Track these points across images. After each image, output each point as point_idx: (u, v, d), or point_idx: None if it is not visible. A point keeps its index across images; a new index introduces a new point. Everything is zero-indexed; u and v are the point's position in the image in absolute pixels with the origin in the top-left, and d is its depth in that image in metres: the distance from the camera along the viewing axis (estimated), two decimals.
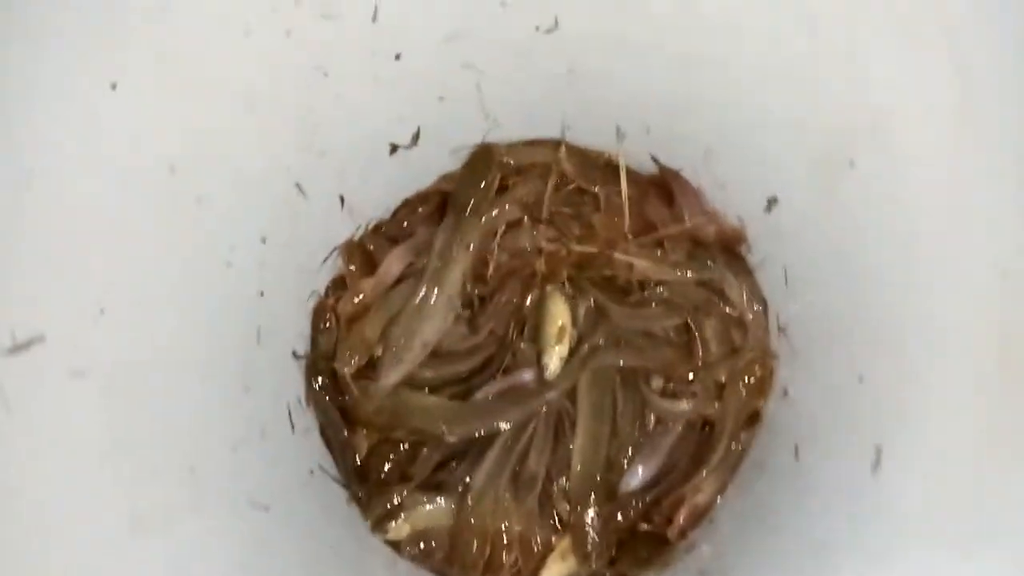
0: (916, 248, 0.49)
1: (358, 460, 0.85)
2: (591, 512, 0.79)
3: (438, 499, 0.82)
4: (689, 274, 0.80)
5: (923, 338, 0.49)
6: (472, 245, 0.83)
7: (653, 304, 0.81)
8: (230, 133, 0.64)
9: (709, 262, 0.80)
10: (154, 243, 0.61)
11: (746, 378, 0.76)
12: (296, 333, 0.84)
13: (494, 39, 0.69)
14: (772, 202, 0.66)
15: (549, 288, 0.83)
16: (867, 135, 0.49)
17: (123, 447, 0.57)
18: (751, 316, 0.77)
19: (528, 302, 0.85)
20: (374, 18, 0.65)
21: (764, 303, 0.76)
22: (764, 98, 0.61)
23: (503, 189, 0.86)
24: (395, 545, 0.82)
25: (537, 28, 0.68)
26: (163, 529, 0.57)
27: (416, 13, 0.66)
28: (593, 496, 0.79)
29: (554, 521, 0.81)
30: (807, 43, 0.51)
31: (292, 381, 0.83)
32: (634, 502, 0.79)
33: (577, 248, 0.81)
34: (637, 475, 0.79)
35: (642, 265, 0.79)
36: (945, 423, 0.45)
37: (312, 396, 0.84)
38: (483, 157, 0.85)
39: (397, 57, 0.70)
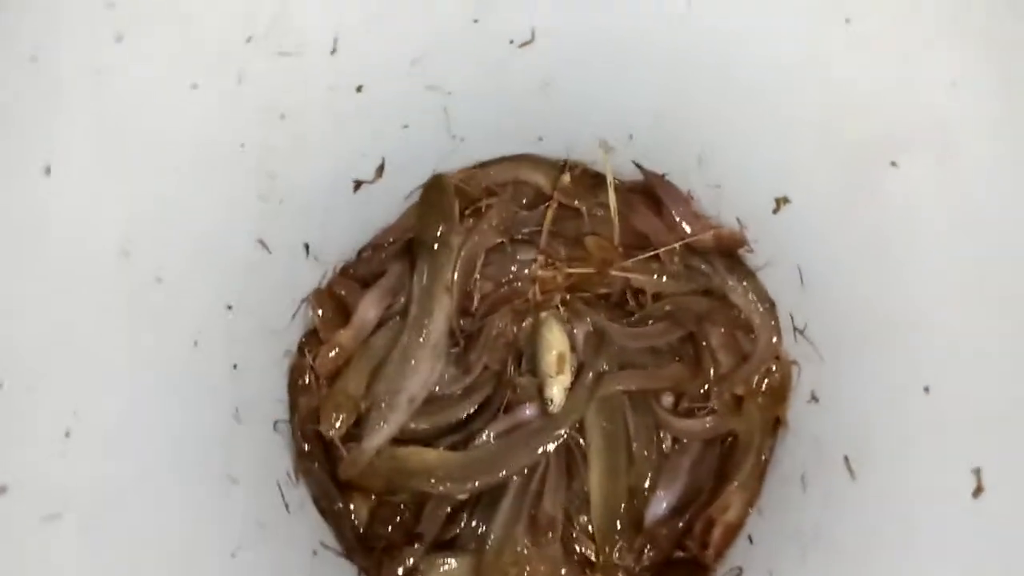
0: (961, 248, 0.46)
1: (360, 529, 0.78)
2: (618, 548, 0.74)
3: (454, 557, 0.76)
4: (690, 284, 0.76)
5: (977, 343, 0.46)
6: (451, 284, 0.77)
7: (653, 320, 0.77)
8: (184, 197, 0.56)
9: (704, 267, 0.76)
10: (113, 341, 0.53)
11: (763, 385, 0.73)
12: (274, 401, 0.76)
13: (464, 57, 0.63)
14: (782, 202, 0.62)
15: (543, 315, 0.78)
16: (915, 136, 0.46)
17: None
18: (758, 320, 0.74)
19: (520, 332, 0.80)
20: (333, 50, 0.58)
21: (772, 303, 0.73)
22: (769, 97, 0.57)
23: (476, 214, 0.81)
24: None
25: (511, 42, 0.63)
26: None
27: (380, 39, 0.59)
28: (619, 531, 0.74)
29: (581, 563, 0.76)
30: (840, 41, 0.47)
31: (278, 457, 0.75)
32: (663, 530, 0.74)
33: (571, 270, 0.76)
34: (662, 501, 0.76)
35: (641, 280, 0.75)
36: None
37: (301, 467, 0.77)
38: (436, 188, 0.79)
39: (359, 89, 0.63)
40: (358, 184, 0.74)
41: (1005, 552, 0.43)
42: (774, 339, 0.73)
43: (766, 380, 0.73)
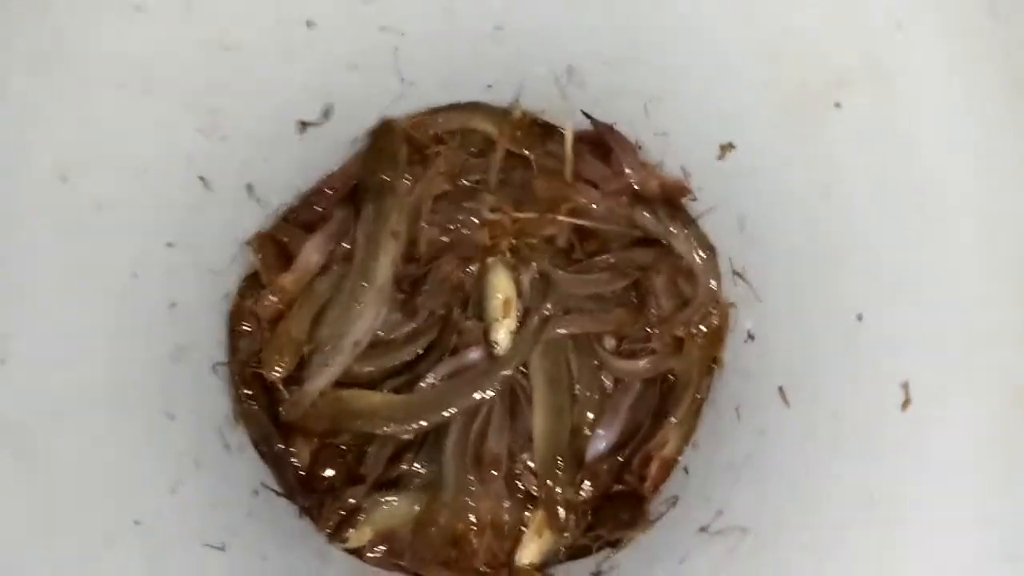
0: (906, 191, 0.49)
1: (301, 471, 0.78)
2: (560, 483, 0.76)
3: (397, 496, 0.77)
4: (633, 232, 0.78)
5: (915, 281, 0.49)
6: (398, 230, 0.77)
7: (598, 268, 0.79)
8: (126, 124, 0.54)
9: (647, 214, 0.78)
10: (51, 266, 0.51)
11: (702, 328, 0.76)
12: (214, 343, 0.75)
13: None
14: (726, 148, 0.64)
15: (490, 260, 0.79)
16: (859, 77, 0.48)
17: (51, 516, 0.48)
18: (699, 265, 0.76)
19: (466, 277, 0.80)
20: None
21: (713, 250, 0.76)
22: (717, 42, 0.58)
23: (423, 160, 0.80)
24: (358, 552, 0.76)
25: None
26: None
27: None
28: (561, 467, 0.77)
29: (524, 498, 0.78)
30: None
31: (217, 398, 0.74)
32: (604, 466, 0.77)
33: (519, 215, 0.77)
34: (602, 439, 0.78)
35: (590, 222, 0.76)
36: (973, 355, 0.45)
37: (241, 410, 0.76)
38: (383, 133, 0.78)
39: (308, 24, 0.61)
40: (304, 125, 0.72)
41: (930, 460, 0.47)
42: (713, 284, 0.76)
43: (705, 322, 0.76)
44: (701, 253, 0.76)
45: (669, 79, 0.65)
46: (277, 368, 0.76)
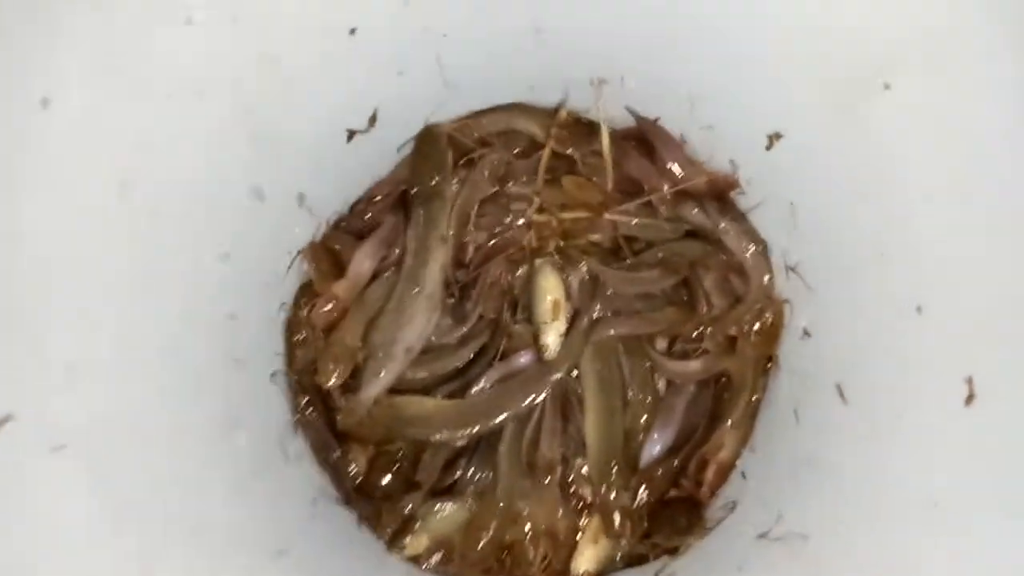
0: (964, 176, 0.47)
1: (358, 478, 0.79)
2: (615, 489, 0.75)
3: (452, 503, 0.77)
4: (680, 230, 0.77)
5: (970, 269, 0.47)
6: (447, 235, 0.77)
7: (647, 266, 0.77)
8: (180, 135, 0.56)
9: (696, 211, 0.77)
10: (114, 277, 0.53)
11: (756, 326, 0.74)
12: (271, 353, 0.76)
13: None
14: (774, 138, 0.63)
15: (538, 262, 0.78)
16: (909, 56, 0.47)
17: (122, 521, 0.49)
18: (750, 261, 0.74)
19: (515, 280, 0.80)
20: None
21: (764, 245, 0.74)
22: (760, 30, 0.57)
23: (470, 164, 0.81)
24: (416, 560, 0.76)
25: None
26: None
27: None
28: (615, 472, 0.76)
29: (579, 505, 0.77)
30: None
31: (276, 406, 0.75)
32: (659, 471, 0.76)
33: (566, 216, 0.76)
34: (656, 443, 0.77)
35: (635, 224, 0.75)
36: None
37: (299, 419, 0.77)
38: (428, 139, 0.79)
39: (352, 31, 0.62)
40: (351, 134, 0.74)
41: (996, 457, 0.44)
42: (766, 279, 0.74)
43: (759, 320, 0.74)
44: (753, 248, 0.74)
45: (713, 72, 0.64)
46: (333, 376, 0.77)
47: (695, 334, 0.77)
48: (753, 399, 0.75)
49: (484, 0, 0.64)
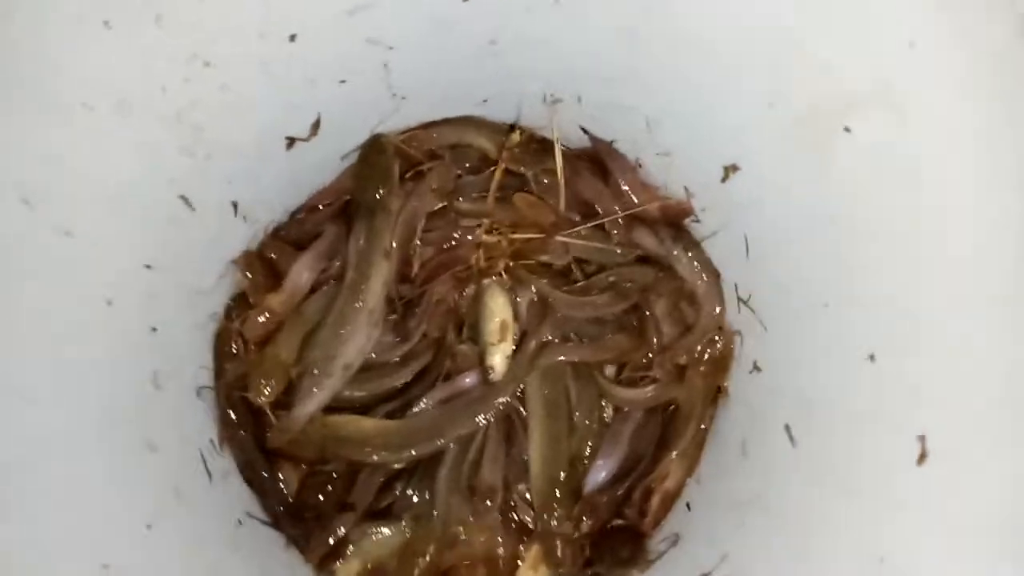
0: (920, 221, 0.45)
1: (289, 498, 0.75)
2: (557, 515, 0.73)
3: (388, 526, 0.74)
4: (633, 254, 0.75)
5: (931, 312, 0.46)
6: (390, 249, 0.74)
7: (598, 291, 0.75)
8: (97, 146, 0.51)
9: (649, 237, 0.75)
10: (14, 297, 0.48)
11: (706, 355, 0.73)
12: (197, 367, 0.72)
13: (407, 10, 0.59)
14: (730, 170, 0.61)
15: (486, 282, 0.76)
16: (870, 100, 0.45)
17: (16, 566, 0.45)
18: (702, 290, 0.73)
19: (462, 299, 0.77)
20: None
21: (717, 274, 0.72)
22: (722, 62, 0.55)
23: (417, 177, 0.77)
24: None
25: None
26: None
27: None
28: (558, 498, 0.74)
29: (519, 531, 0.75)
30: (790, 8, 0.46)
31: (200, 423, 0.71)
32: (603, 498, 0.74)
33: (517, 236, 0.74)
34: (601, 470, 0.75)
35: (586, 247, 0.73)
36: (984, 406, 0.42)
37: (226, 435, 0.73)
38: (375, 149, 0.75)
39: (292, 38, 0.58)
40: (291, 141, 0.70)
41: (946, 517, 0.43)
42: (717, 310, 0.73)
43: (709, 350, 0.73)
44: (705, 277, 0.73)
45: (672, 98, 0.62)
46: (264, 392, 0.73)
47: (644, 361, 0.75)
48: (701, 428, 0.74)
49: (435, 13, 0.60)
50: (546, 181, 0.76)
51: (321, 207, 0.78)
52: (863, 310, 0.51)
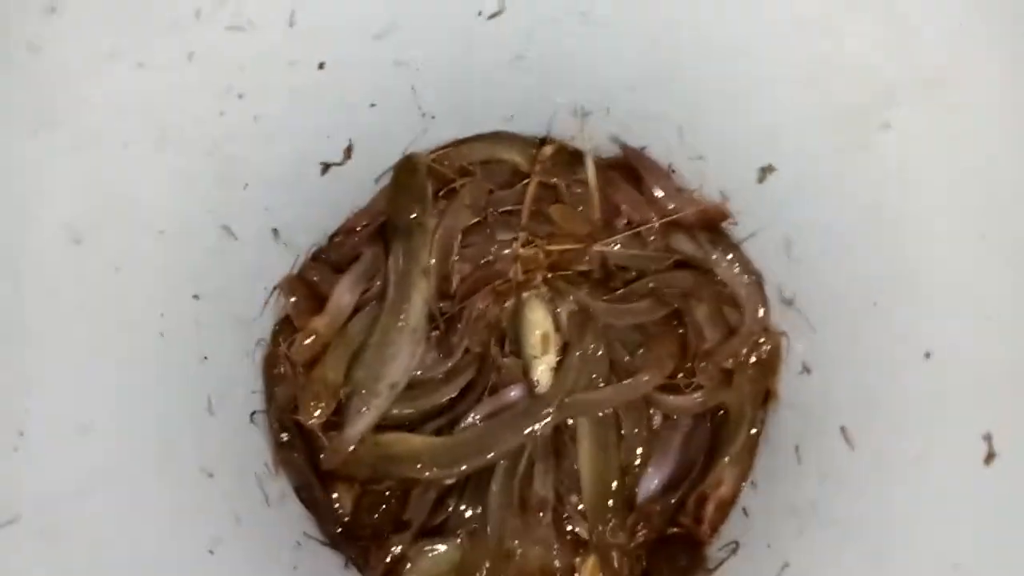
0: (967, 212, 0.44)
1: (345, 518, 0.76)
2: (611, 526, 0.72)
3: (443, 542, 0.74)
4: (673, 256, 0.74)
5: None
6: (429, 267, 0.75)
7: (638, 297, 0.75)
8: (139, 182, 0.53)
9: (687, 242, 0.74)
10: (67, 334, 0.50)
11: (752, 357, 0.71)
12: (249, 392, 0.73)
13: (431, 30, 0.60)
14: (767, 170, 0.60)
15: (526, 295, 0.75)
16: (908, 95, 0.44)
17: None
18: (743, 292, 0.72)
19: (502, 312, 0.77)
20: (291, 22, 0.55)
21: (758, 276, 0.71)
22: (758, 67, 0.54)
23: (450, 195, 0.78)
24: None
25: (479, 13, 0.59)
26: None
27: (340, 12, 0.56)
28: (611, 509, 0.73)
29: (574, 543, 0.74)
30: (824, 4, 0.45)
31: (255, 448, 0.72)
32: (656, 507, 0.73)
33: (553, 246, 0.73)
34: (653, 478, 0.74)
35: (625, 255, 0.73)
36: None
37: (280, 458, 0.74)
38: (407, 169, 0.76)
39: (320, 66, 0.60)
40: (326, 167, 0.71)
41: (1019, 519, 0.41)
42: (761, 311, 0.71)
43: (755, 352, 0.71)
44: (746, 278, 0.71)
45: (703, 102, 0.61)
46: (314, 413, 0.74)
47: (689, 366, 0.74)
48: (752, 433, 0.72)
49: (459, 32, 0.61)
50: (579, 191, 0.76)
51: (358, 229, 0.79)
52: (916, 307, 0.49)
